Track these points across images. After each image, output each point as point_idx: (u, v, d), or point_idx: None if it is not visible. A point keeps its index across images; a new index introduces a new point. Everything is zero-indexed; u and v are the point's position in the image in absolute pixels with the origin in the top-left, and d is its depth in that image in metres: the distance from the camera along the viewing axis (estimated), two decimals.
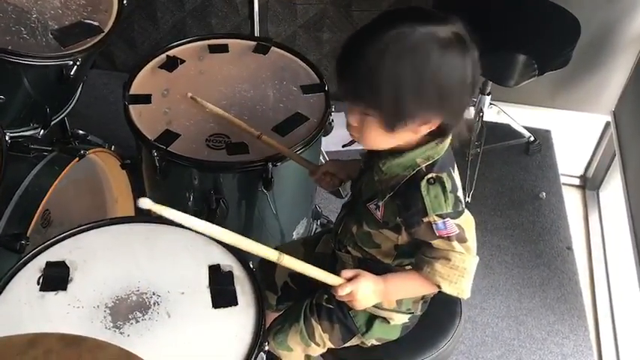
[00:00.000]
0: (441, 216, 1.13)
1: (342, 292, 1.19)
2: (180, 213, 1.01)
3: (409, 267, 1.27)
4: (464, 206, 1.17)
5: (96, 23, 1.66)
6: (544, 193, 2.55)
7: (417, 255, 1.21)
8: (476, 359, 2.03)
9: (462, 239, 1.16)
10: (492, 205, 2.50)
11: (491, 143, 2.57)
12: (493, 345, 2.07)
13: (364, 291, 1.20)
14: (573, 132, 2.77)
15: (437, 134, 1.14)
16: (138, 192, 1.98)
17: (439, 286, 1.18)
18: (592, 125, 2.69)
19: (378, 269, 1.26)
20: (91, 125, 2.44)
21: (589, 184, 2.71)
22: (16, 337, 0.89)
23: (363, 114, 1.11)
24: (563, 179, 2.67)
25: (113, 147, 2.35)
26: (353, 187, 1.38)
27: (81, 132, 2.24)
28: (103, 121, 2.54)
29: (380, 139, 1.13)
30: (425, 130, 1.11)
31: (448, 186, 1.13)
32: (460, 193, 1.17)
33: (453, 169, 1.19)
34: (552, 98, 2.71)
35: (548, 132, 2.79)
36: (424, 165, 1.14)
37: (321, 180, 1.50)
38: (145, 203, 0.98)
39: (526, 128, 2.70)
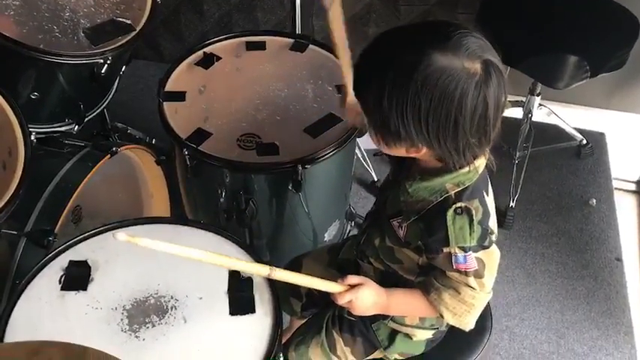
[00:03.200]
0: (463, 249, 1.07)
1: (342, 301, 1.17)
2: (159, 243, 1.01)
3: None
4: (492, 239, 1.11)
5: (128, 21, 1.65)
6: (594, 200, 2.43)
7: (429, 276, 1.16)
8: None
9: (478, 275, 1.10)
10: (538, 211, 2.40)
11: (540, 146, 2.46)
12: (531, 358, 1.99)
13: (363, 302, 1.17)
14: (630, 135, 2.63)
15: (452, 167, 1.06)
16: (173, 187, 1.99)
17: (441, 315, 1.14)
18: None
19: (400, 284, 1.22)
20: (135, 117, 2.46)
21: None
22: (20, 344, 0.89)
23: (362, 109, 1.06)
24: (616, 184, 2.54)
25: (154, 140, 2.39)
26: (378, 198, 1.33)
27: (120, 125, 2.25)
28: (147, 113, 2.56)
29: (376, 141, 1.07)
30: (414, 154, 1.05)
31: (477, 217, 1.06)
32: (491, 223, 1.11)
33: (487, 192, 1.12)
34: (608, 99, 2.58)
35: (602, 134, 2.66)
36: (454, 192, 1.07)
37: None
38: (121, 237, 0.97)
39: (578, 130, 2.57)
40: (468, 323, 1.15)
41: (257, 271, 1.14)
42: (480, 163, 1.08)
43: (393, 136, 1.01)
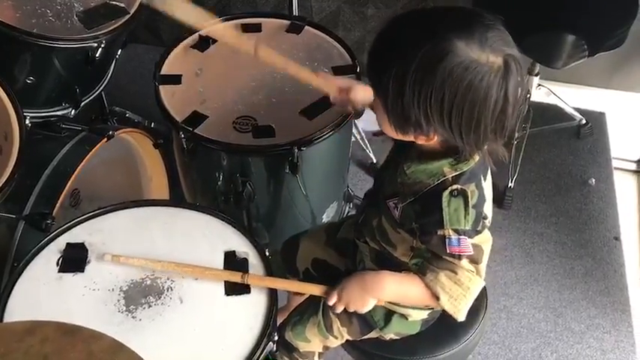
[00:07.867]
0: (457, 231, 1.07)
1: (333, 302, 1.21)
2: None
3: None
4: (486, 225, 1.12)
5: (122, 5, 1.65)
6: (593, 180, 2.43)
7: (425, 260, 1.16)
8: (509, 350, 1.97)
9: (474, 260, 1.10)
10: (537, 191, 2.40)
11: (539, 126, 2.46)
12: (528, 336, 2.01)
13: (352, 292, 1.19)
14: (630, 114, 2.62)
15: (451, 151, 1.07)
16: (171, 171, 2.00)
17: (437, 298, 1.13)
18: None
19: (394, 266, 1.23)
20: (134, 101, 2.46)
21: None
22: (16, 324, 0.91)
23: (376, 95, 1.06)
24: (616, 164, 2.54)
25: (153, 123, 2.40)
26: (376, 178, 1.34)
27: (118, 109, 2.26)
28: (145, 97, 2.55)
29: (386, 127, 1.07)
30: (422, 141, 1.05)
31: (472, 201, 1.07)
32: (486, 208, 1.11)
33: (485, 178, 1.12)
34: (607, 78, 2.57)
35: (602, 114, 2.65)
36: (451, 175, 1.08)
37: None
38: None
39: (578, 110, 2.57)
40: (461, 310, 1.13)
41: (228, 277, 1.22)
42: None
43: (409, 124, 1.01)
